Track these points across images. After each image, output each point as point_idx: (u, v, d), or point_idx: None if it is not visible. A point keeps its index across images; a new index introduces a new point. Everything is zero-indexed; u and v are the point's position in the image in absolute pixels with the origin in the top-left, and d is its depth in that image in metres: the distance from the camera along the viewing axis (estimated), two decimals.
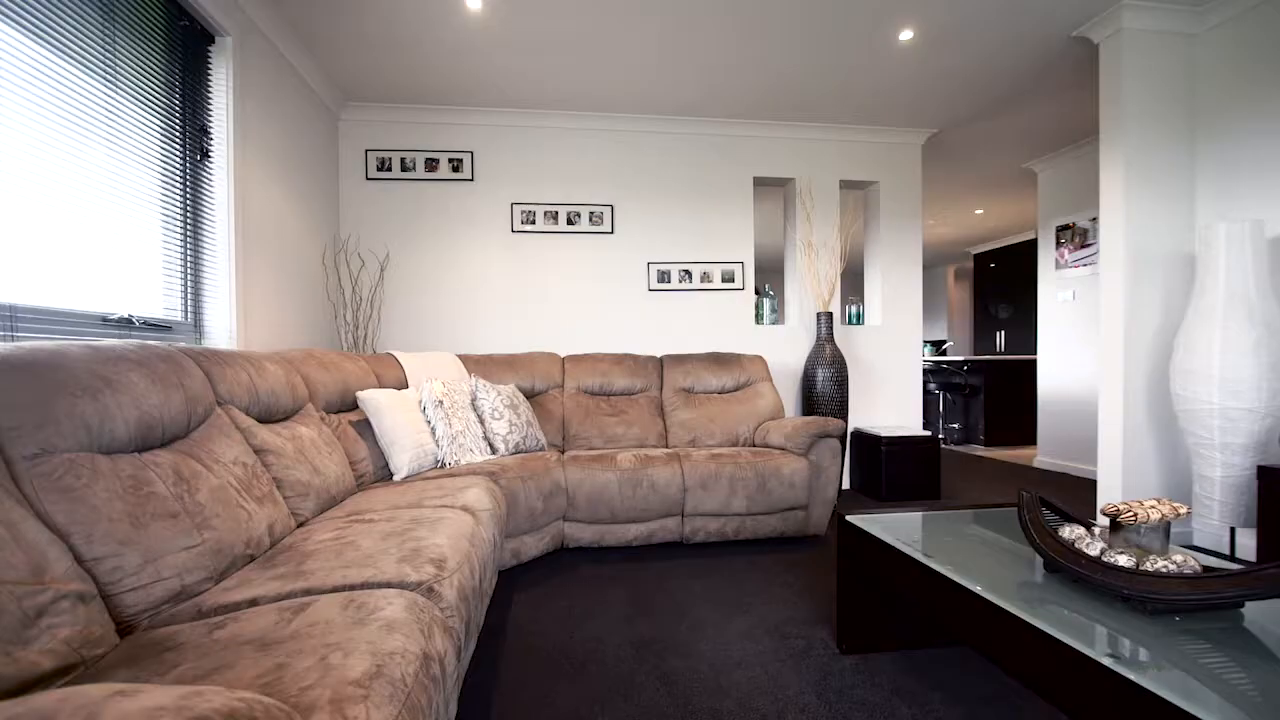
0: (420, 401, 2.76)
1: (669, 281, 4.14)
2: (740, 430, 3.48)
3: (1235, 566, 1.21)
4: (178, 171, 2.30)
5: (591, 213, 4.05)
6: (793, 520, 2.98)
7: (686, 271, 4.16)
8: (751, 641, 1.97)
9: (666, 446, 3.44)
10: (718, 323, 4.21)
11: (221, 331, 2.52)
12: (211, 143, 2.50)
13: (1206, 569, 1.20)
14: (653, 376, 3.72)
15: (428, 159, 3.90)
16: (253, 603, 1.17)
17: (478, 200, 3.96)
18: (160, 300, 2.20)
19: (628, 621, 2.13)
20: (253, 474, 1.59)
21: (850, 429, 4.21)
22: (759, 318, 4.37)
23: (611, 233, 4.08)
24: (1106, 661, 0.99)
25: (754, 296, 4.32)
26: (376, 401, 2.54)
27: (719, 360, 3.77)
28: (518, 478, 2.58)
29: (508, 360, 3.56)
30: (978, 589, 1.30)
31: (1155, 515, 1.27)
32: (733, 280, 4.21)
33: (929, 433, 3.96)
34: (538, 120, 3.97)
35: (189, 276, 2.37)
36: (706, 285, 4.18)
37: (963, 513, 1.99)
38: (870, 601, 1.89)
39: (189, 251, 2.37)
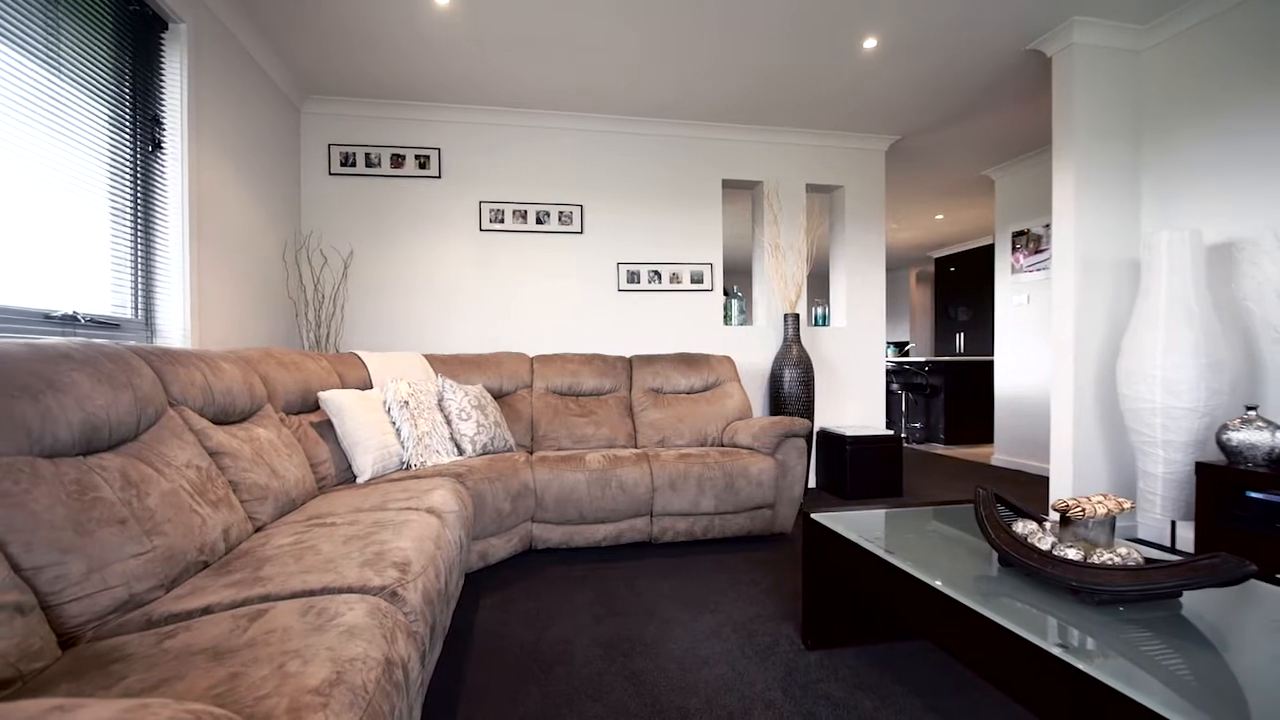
0: (385, 402, 2.71)
1: (639, 282, 4.14)
2: (709, 430, 3.51)
3: (1174, 558, 1.27)
4: (128, 162, 2.21)
5: (561, 212, 4.03)
6: (760, 519, 3.01)
7: (656, 272, 4.17)
8: (719, 640, 1.99)
9: (635, 447, 3.45)
10: (687, 323, 4.24)
11: (175, 330, 2.43)
12: (164, 133, 2.40)
13: (1148, 561, 1.26)
14: (622, 377, 3.72)
15: (393, 154, 3.83)
16: (206, 610, 1.13)
17: (445, 198, 3.90)
18: (109, 297, 2.11)
19: (596, 622, 2.13)
20: (207, 477, 1.54)
21: (816, 428, 4.28)
22: (727, 319, 4.41)
23: (581, 232, 4.07)
24: (1056, 651, 1.03)
25: (723, 297, 4.36)
26: (339, 402, 2.48)
27: (688, 361, 3.79)
28: (485, 479, 2.55)
29: (475, 360, 3.52)
30: (936, 584, 1.34)
31: (1101, 510, 1.32)
32: (702, 281, 4.24)
33: (892, 432, 4.05)
34: (507, 118, 3.93)
35: (140, 272, 2.28)
36: (676, 286, 4.20)
37: (923, 510, 2.04)
38: (835, 598, 1.93)
39: (140, 246, 2.27)
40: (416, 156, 3.86)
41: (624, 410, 3.60)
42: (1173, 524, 2.77)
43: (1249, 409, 2.38)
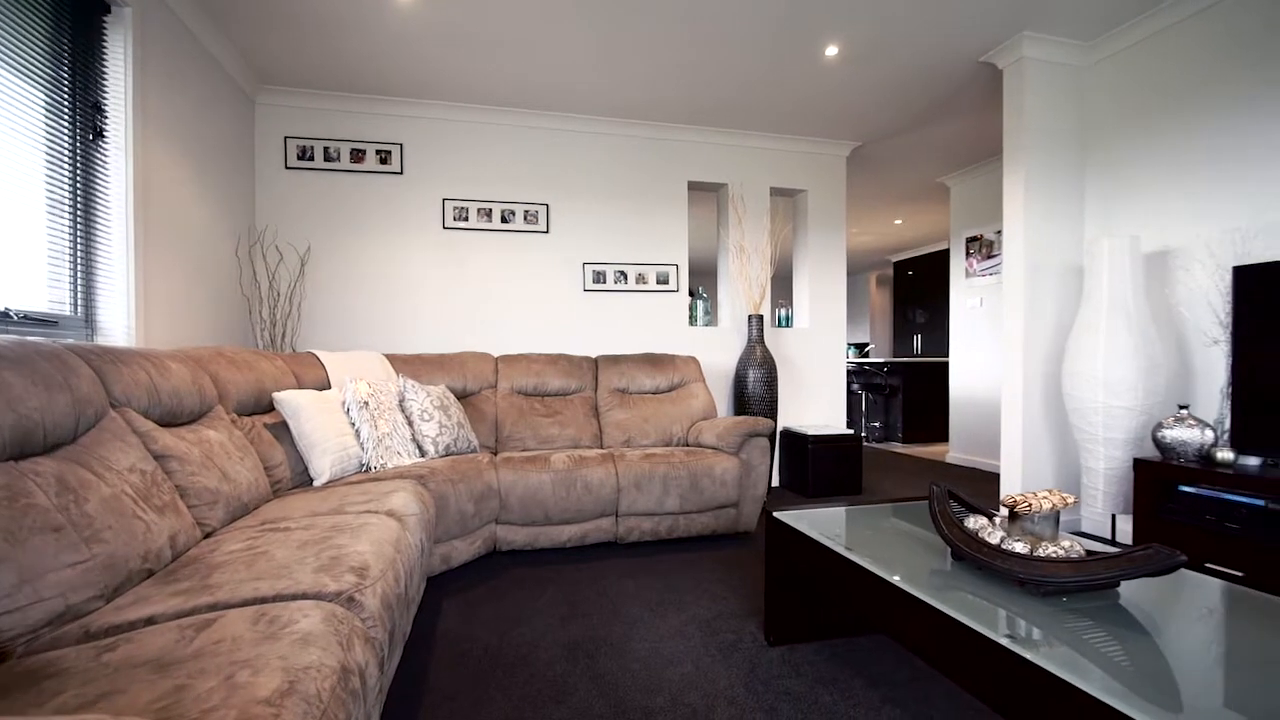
0: (344, 403, 2.64)
1: (604, 282, 4.14)
2: (674, 430, 3.53)
3: (1112, 550, 1.34)
4: (66, 151, 2.10)
5: (527, 211, 4.00)
6: (724, 518, 3.05)
7: (622, 273, 4.17)
8: (683, 638, 2.00)
9: (601, 447, 3.44)
10: (653, 324, 4.25)
11: (118, 328, 2.32)
12: (106, 121, 2.29)
13: (1089, 553, 1.32)
14: (588, 377, 3.71)
15: (353, 149, 3.73)
16: (150, 621, 1.09)
17: (407, 194, 3.83)
18: (45, 293, 2.00)
19: (561, 623, 2.12)
20: (152, 481, 1.47)
21: (779, 428, 4.35)
22: (693, 319, 4.45)
23: (547, 232, 4.04)
24: (1004, 641, 1.08)
25: (688, 298, 4.39)
26: (295, 403, 2.41)
27: (653, 361, 3.81)
28: (448, 480, 2.51)
29: (438, 360, 3.46)
30: (894, 579, 1.38)
31: (1046, 505, 1.38)
32: (667, 282, 4.27)
33: (852, 431, 4.15)
34: (472, 115, 3.88)
35: (79, 267, 2.17)
36: (642, 287, 4.21)
37: (882, 507, 2.10)
38: (797, 594, 1.97)
39: (80, 239, 2.16)
40: (377, 152, 3.77)
41: (589, 410, 3.59)
42: (1113, 517, 2.91)
43: (1181, 408, 2.52)
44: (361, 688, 1.01)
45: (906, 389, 6.71)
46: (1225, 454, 2.37)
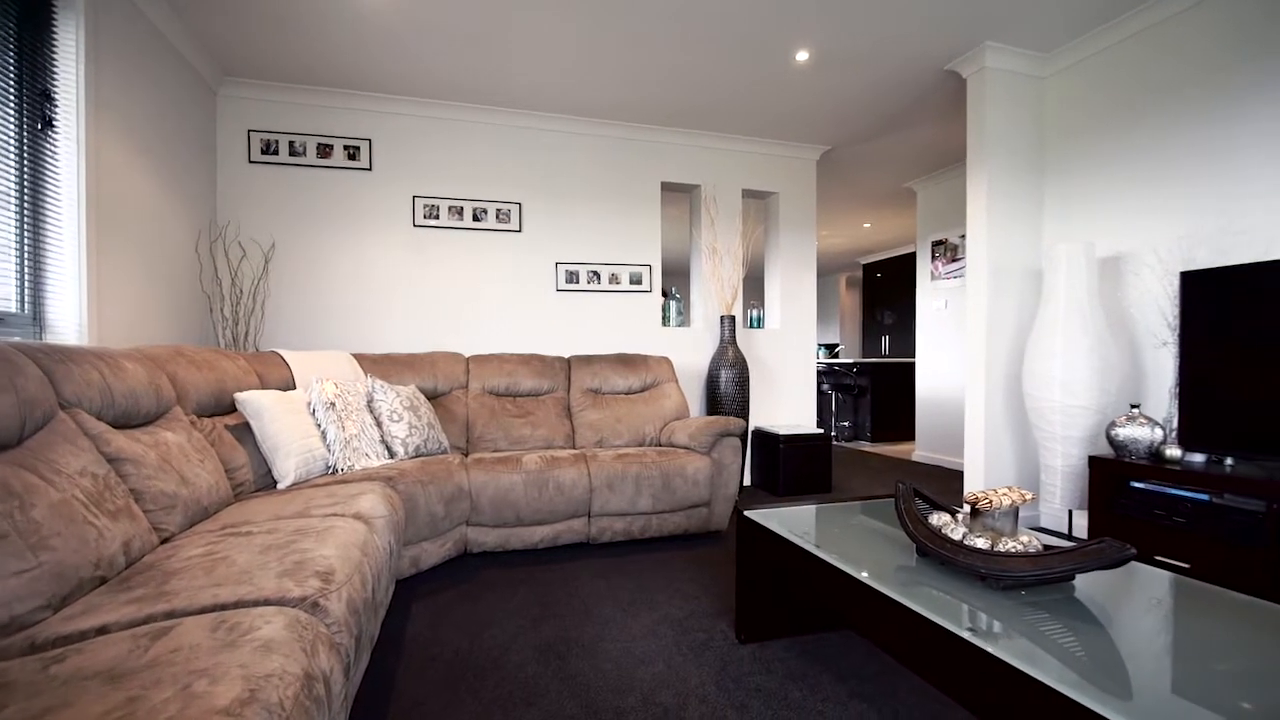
0: (310, 403, 2.58)
1: (577, 282, 4.13)
2: (647, 430, 3.54)
3: (1068, 544, 1.38)
4: (13, 140, 2.00)
5: (499, 210, 3.96)
6: (696, 517, 3.06)
7: (595, 273, 4.17)
8: (655, 638, 2.01)
9: (574, 447, 3.43)
10: (626, 324, 4.25)
11: (69, 325, 2.22)
12: (56, 110, 2.20)
13: (1046, 548, 1.37)
14: (560, 377, 3.70)
15: (320, 144, 3.65)
16: (102, 631, 1.05)
17: (376, 191, 3.76)
18: None
19: (533, 625, 2.11)
20: (105, 485, 1.42)
21: (751, 428, 4.39)
22: (665, 320, 4.46)
23: (519, 231, 4.01)
24: (965, 635, 1.11)
25: (661, 299, 4.40)
26: (258, 403, 2.34)
27: (626, 361, 3.81)
28: (417, 482, 2.47)
29: (408, 360, 3.41)
30: (860, 575, 1.41)
31: (1006, 502, 1.43)
32: (640, 282, 4.27)
33: (822, 430, 4.21)
34: (443, 111, 3.83)
35: (27, 262, 2.07)
36: (615, 287, 4.21)
37: (850, 505, 2.13)
38: (767, 592, 1.99)
39: (26, 233, 2.07)
40: (345, 147, 3.69)
41: (562, 411, 3.57)
42: (1070, 513, 3.01)
43: (1133, 407, 2.62)
44: (326, 695, 0.99)
45: (875, 389, 6.84)
46: (1173, 451, 2.47)
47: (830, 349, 8.65)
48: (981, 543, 1.39)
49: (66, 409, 1.50)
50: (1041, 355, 2.93)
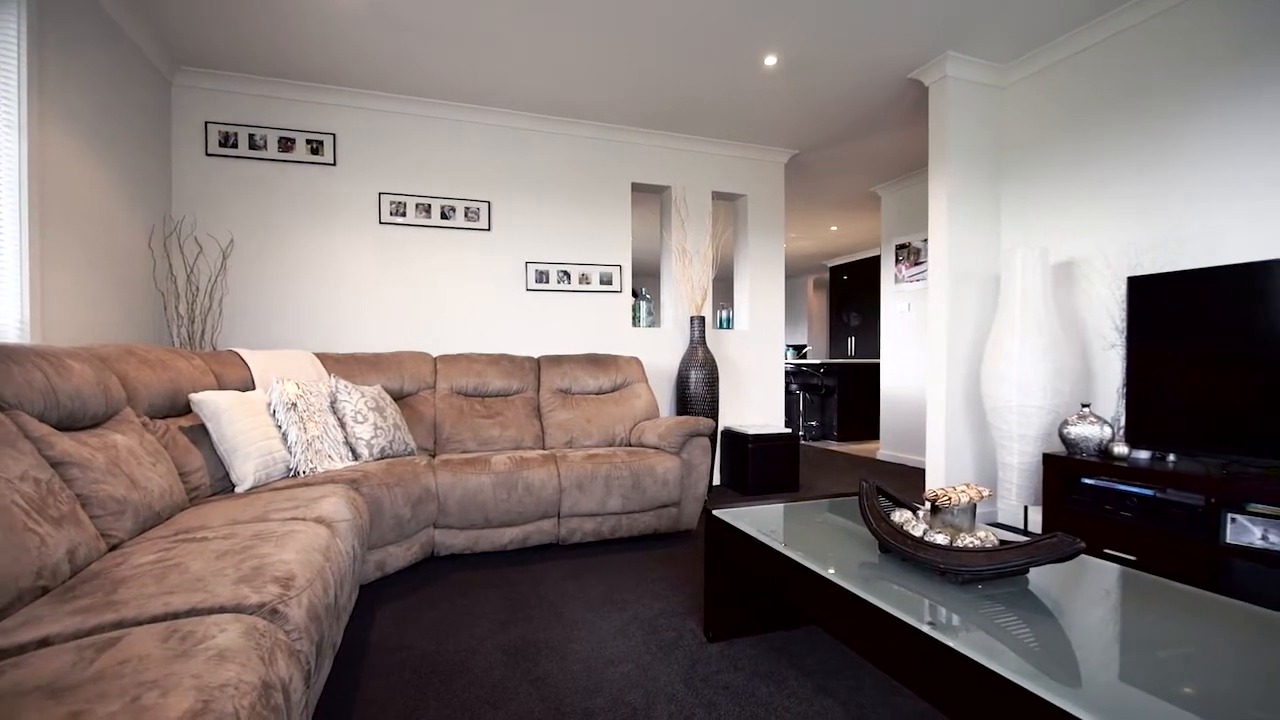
0: (270, 404, 2.51)
1: (547, 282, 4.10)
2: (617, 430, 3.54)
3: (1022, 539, 1.43)
4: None
5: (468, 208, 3.91)
6: (666, 517, 3.08)
7: (565, 272, 4.15)
8: (624, 638, 2.01)
9: (543, 448, 3.41)
10: (596, 324, 4.25)
11: (8, 323, 2.12)
12: None
13: (1002, 542, 1.41)
14: (530, 377, 3.67)
15: (282, 138, 3.55)
16: (44, 643, 1.00)
17: (341, 187, 3.67)
18: None
19: (501, 628, 2.09)
20: (48, 491, 1.35)
21: (720, 427, 4.43)
22: (636, 320, 4.47)
23: (489, 230, 3.97)
24: (925, 629, 1.14)
25: (631, 299, 4.41)
26: (215, 404, 2.27)
27: (596, 361, 3.80)
28: (383, 484, 2.42)
29: (373, 360, 3.34)
30: (825, 572, 1.43)
31: (964, 498, 1.47)
32: (611, 283, 4.27)
33: (790, 430, 4.27)
34: (411, 107, 3.76)
35: None
36: (585, 287, 4.20)
37: (816, 503, 2.17)
38: (736, 591, 2.01)
39: None
40: (308, 141, 3.60)
41: (532, 411, 3.55)
42: (1025, 509, 3.12)
43: (1084, 406, 2.73)
44: (285, 703, 0.96)
45: (841, 389, 6.97)
46: (1121, 448, 2.58)
47: (798, 350, 8.78)
48: (941, 539, 1.43)
49: (6, 410, 1.42)
50: (999, 357, 3.03)
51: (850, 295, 8.43)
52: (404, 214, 3.78)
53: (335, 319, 3.67)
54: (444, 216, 3.87)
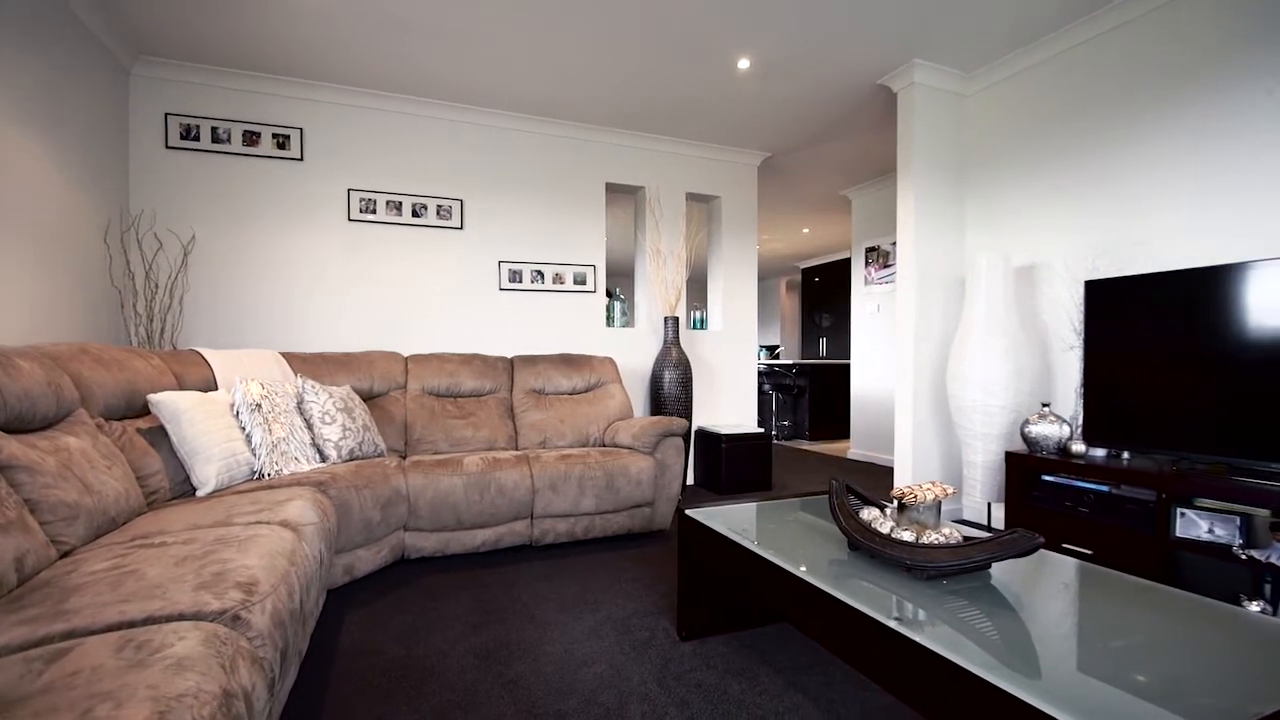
0: (233, 405, 2.44)
1: (521, 281, 4.07)
2: (591, 431, 3.53)
3: (985, 535, 1.47)
4: None
5: (440, 206, 3.86)
6: (640, 517, 3.08)
7: (539, 272, 4.12)
8: (598, 638, 2.01)
9: (516, 449, 3.38)
10: (570, 324, 4.23)
11: None
12: None
13: (966, 539, 1.45)
14: (503, 377, 3.64)
15: (247, 131, 3.46)
16: None
17: (308, 183, 3.59)
18: None
19: (473, 630, 2.07)
20: None
21: (694, 427, 4.45)
22: (610, 320, 4.47)
23: (461, 228, 3.92)
24: (891, 624, 1.16)
25: (605, 299, 4.40)
26: (175, 405, 2.19)
27: (570, 362, 3.79)
28: (351, 486, 2.38)
29: (342, 359, 3.27)
30: (795, 570, 1.45)
31: (929, 496, 1.50)
32: (585, 283, 4.26)
33: (763, 430, 4.31)
34: (382, 103, 3.70)
35: None
36: (559, 287, 4.18)
37: (788, 502, 2.20)
38: (708, 589, 2.02)
39: None
40: (274, 135, 3.51)
41: (505, 411, 3.52)
42: (989, 505, 3.21)
43: (1044, 406, 2.82)
44: (247, 712, 0.94)
45: (813, 389, 7.06)
46: (1079, 446, 2.67)
47: (771, 350, 8.88)
48: (908, 536, 1.46)
49: None
50: (963, 357, 3.10)
51: (822, 297, 8.55)
52: (374, 211, 3.72)
53: (302, 318, 3.58)
54: (415, 214, 3.81)
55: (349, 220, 3.67)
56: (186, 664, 0.90)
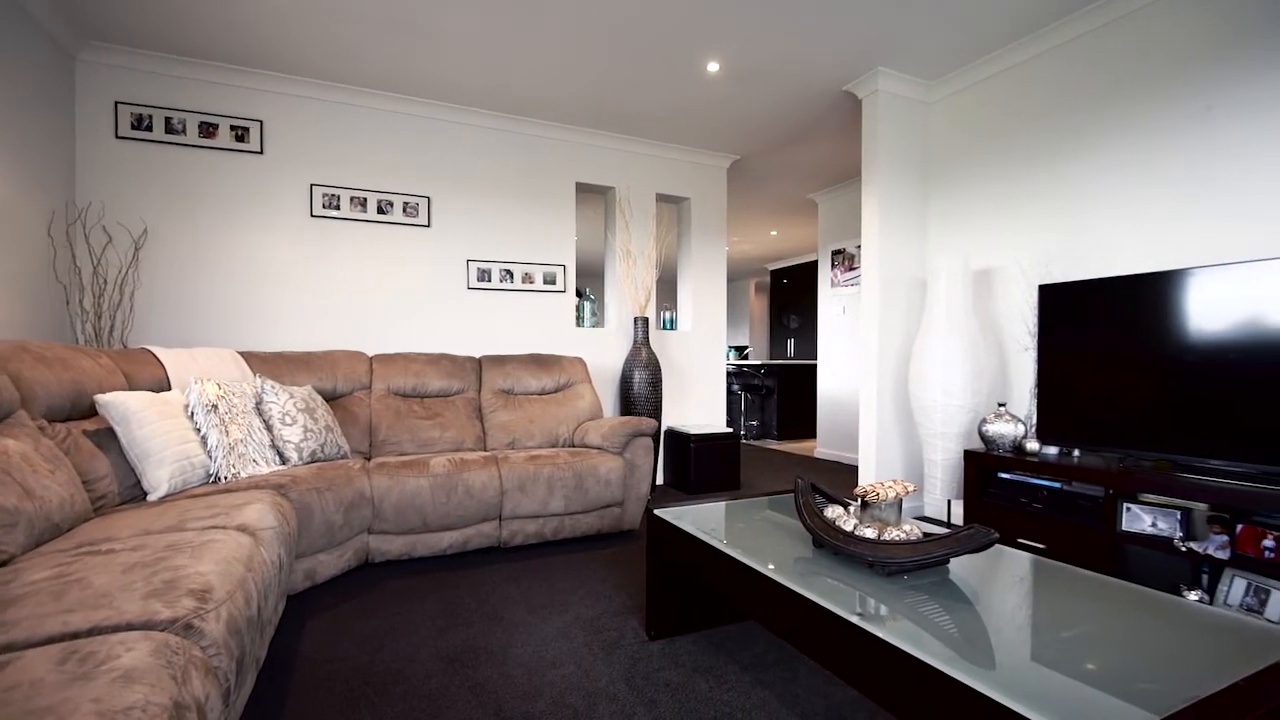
0: (188, 406, 2.35)
1: (490, 280, 4.03)
2: (560, 431, 3.51)
3: (944, 531, 1.52)
4: None
5: (406, 203, 3.79)
6: (609, 517, 3.08)
7: (508, 271, 4.09)
8: (566, 640, 2.00)
9: (485, 449, 3.34)
10: (539, 324, 4.20)
11: None
12: None
13: (926, 535, 1.49)
14: (471, 377, 3.59)
15: (203, 122, 3.34)
16: None
17: (268, 177, 3.48)
18: None
19: (440, 634, 2.04)
20: None
21: (663, 427, 4.47)
22: (580, 320, 4.45)
23: (428, 226, 3.86)
24: (854, 619, 1.19)
25: (575, 299, 4.39)
26: (124, 406, 2.11)
27: (539, 362, 3.76)
28: (312, 489, 2.32)
29: (304, 359, 3.18)
30: (765, 568, 1.47)
31: (891, 494, 1.54)
32: (554, 282, 4.24)
33: (731, 430, 4.35)
34: (346, 96, 3.61)
35: None
36: (528, 286, 4.15)
37: (755, 501, 2.22)
38: (676, 589, 2.04)
39: None
40: (233, 128, 3.40)
41: (473, 412, 3.47)
42: (949, 502, 3.30)
43: (1000, 405, 2.92)
44: None
45: (781, 389, 7.16)
46: (1033, 444, 2.77)
47: (740, 351, 8.97)
48: (870, 533, 1.49)
49: None
50: (924, 358, 3.19)
51: (790, 298, 8.67)
52: (338, 207, 3.63)
53: (262, 316, 3.48)
54: (381, 211, 3.74)
55: (311, 216, 3.57)
56: (134, 675, 0.86)
